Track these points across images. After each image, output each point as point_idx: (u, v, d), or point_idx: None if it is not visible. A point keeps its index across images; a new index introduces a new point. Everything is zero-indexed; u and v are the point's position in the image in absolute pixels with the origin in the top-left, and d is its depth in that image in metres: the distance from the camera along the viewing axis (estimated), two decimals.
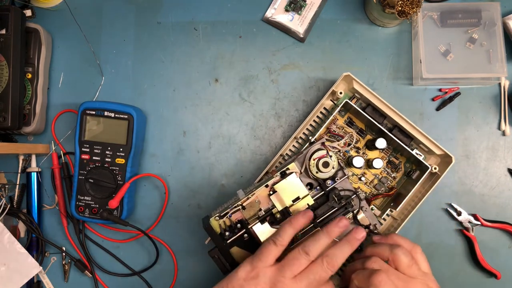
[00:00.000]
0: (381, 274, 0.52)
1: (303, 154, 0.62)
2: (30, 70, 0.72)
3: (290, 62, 0.75)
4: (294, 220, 0.56)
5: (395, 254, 0.56)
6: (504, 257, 0.72)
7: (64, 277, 0.74)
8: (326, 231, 0.56)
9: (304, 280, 0.53)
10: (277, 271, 0.53)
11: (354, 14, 0.75)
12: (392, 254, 0.56)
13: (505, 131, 0.73)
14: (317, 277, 0.53)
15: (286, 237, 0.55)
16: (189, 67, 0.76)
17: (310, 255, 0.54)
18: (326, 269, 0.53)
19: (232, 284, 0.54)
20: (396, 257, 0.55)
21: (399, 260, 0.55)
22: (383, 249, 0.57)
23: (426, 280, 0.55)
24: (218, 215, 0.60)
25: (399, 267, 0.55)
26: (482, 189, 0.73)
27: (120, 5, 0.77)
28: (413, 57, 0.74)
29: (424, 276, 0.56)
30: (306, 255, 0.54)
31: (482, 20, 0.71)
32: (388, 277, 0.52)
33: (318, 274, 0.53)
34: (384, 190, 0.71)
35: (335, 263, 0.54)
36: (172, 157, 0.75)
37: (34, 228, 0.72)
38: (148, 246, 0.74)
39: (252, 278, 0.53)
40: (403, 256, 0.55)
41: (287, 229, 0.56)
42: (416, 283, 0.54)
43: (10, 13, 0.67)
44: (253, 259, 0.55)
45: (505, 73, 0.69)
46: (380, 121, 0.67)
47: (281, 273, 0.53)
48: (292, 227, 0.56)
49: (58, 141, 0.75)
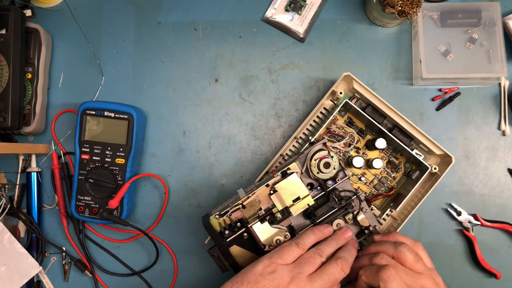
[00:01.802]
0: (389, 269, 0.53)
1: (304, 154, 0.61)
2: (30, 70, 0.72)
3: (290, 62, 0.75)
4: (318, 230, 0.59)
5: (400, 251, 0.56)
6: (504, 257, 0.72)
7: (64, 277, 0.74)
8: (336, 238, 0.59)
9: (318, 280, 0.53)
10: (294, 268, 0.54)
11: (354, 14, 0.75)
12: (397, 251, 0.56)
13: (505, 131, 0.73)
14: (331, 277, 0.54)
15: (308, 242, 0.57)
16: (189, 67, 0.76)
17: (323, 257, 0.56)
18: (340, 271, 0.55)
19: (248, 278, 0.54)
20: (401, 254, 0.56)
21: (404, 257, 0.56)
22: (387, 247, 0.58)
23: (432, 275, 0.56)
24: (218, 214, 0.60)
25: (405, 263, 0.56)
26: (482, 189, 0.73)
27: (120, 5, 0.77)
28: (413, 57, 0.74)
29: (430, 272, 0.56)
30: (320, 257, 0.56)
31: (482, 20, 0.71)
32: (397, 273, 0.53)
33: (333, 275, 0.54)
34: (384, 190, 0.71)
35: (348, 265, 0.56)
36: (172, 157, 0.75)
37: (34, 228, 0.72)
38: (148, 246, 0.74)
39: (269, 272, 0.54)
40: (408, 253, 0.56)
41: (310, 235, 0.58)
42: (424, 278, 0.55)
43: (10, 13, 0.67)
44: (272, 256, 0.55)
45: (505, 73, 0.69)
46: (380, 121, 0.67)
47: (299, 269, 0.54)
48: (315, 235, 0.58)
49: (58, 141, 0.75)
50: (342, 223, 0.62)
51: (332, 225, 0.62)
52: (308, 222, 0.61)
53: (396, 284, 0.52)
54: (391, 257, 0.57)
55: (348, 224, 0.62)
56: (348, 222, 0.62)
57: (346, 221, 0.62)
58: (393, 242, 0.58)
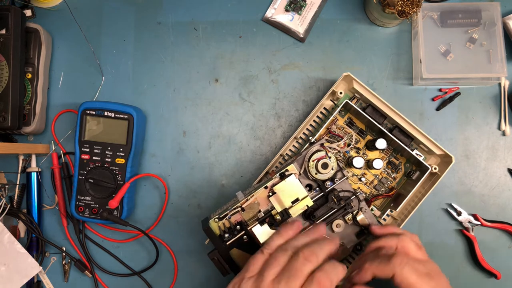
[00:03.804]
0: (401, 255, 0.53)
1: (302, 155, 0.61)
2: (30, 70, 0.72)
3: (290, 62, 0.75)
4: (283, 231, 0.55)
5: (403, 240, 0.56)
6: (504, 257, 0.72)
7: (64, 277, 0.75)
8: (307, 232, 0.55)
9: (282, 281, 0.48)
10: (258, 277, 0.50)
11: (354, 14, 0.75)
12: (400, 241, 0.56)
13: (505, 131, 0.73)
14: (296, 273, 0.48)
15: (274, 245, 0.53)
16: (189, 67, 0.76)
17: (288, 251, 0.51)
18: (304, 261, 0.49)
19: None
20: (405, 242, 0.56)
21: (408, 246, 0.56)
22: (389, 239, 0.57)
23: (433, 263, 0.56)
24: (217, 217, 0.59)
25: (409, 252, 0.56)
26: (482, 189, 0.73)
27: (120, 5, 0.76)
28: (413, 57, 0.74)
29: (431, 260, 0.56)
30: (284, 253, 0.51)
31: (482, 20, 0.71)
32: (408, 259, 0.53)
33: (296, 269, 0.49)
34: (384, 191, 0.71)
35: (314, 253, 0.50)
36: (172, 157, 0.75)
37: (34, 228, 0.72)
38: (148, 246, 0.75)
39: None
40: (411, 242, 0.56)
41: (275, 237, 0.54)
42: (431, 263, 0.55)
43: (10, 13, 0.67)
44: (241, 272, 0.52)
45: (505, 73, 0.69)
46: (380, 121, 0.67)
47: (261, 277, 0.49)
48: (281, 235, 0.55)
49: (58, 141, 0.75)
50: (342, 223, 0.62)
51: (332, 226, 0.62)
52: (308, 223, 0.61)
53: (410, 268, 0.52)
54: (394, 248, 0.56)
55: (348, 224, 0.62)
56: (348, 222, 0.62)
57: (345, 221, 0.62)
58: (394, 234, 0.58)
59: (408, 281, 0.52)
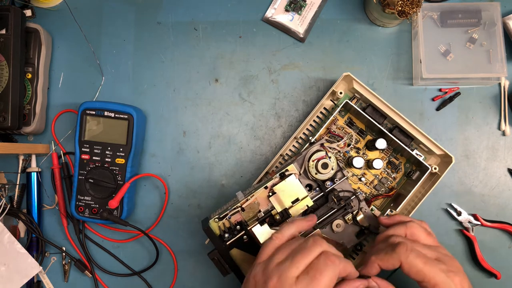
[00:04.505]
0: (405, 243, 0.52)
1: (302, 155, 0.61)
2: (30, 70, 0.72)
3: (290, 62, 0.75)
4: (298, 221, 0.56)
5: (412, 227, 0.56)
6: (504, 257, 0.72)
7: (64, 277, 0.74)
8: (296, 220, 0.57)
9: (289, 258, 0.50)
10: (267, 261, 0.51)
11: (354, 14, 0.75)
12: (409, 228, 0.55)
13: (505, 131, 0.73)
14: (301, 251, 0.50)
15: (286, 234, 0.54)
16: (189, 67, 0.76)
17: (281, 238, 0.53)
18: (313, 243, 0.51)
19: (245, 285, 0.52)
20: (414, 229, 0.55)
21: (418, 232, 0.55)
22: (398, 227, 0.56)
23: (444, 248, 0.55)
24: (217, 217, 0.59)
25: (419, 239, 0.55)
26: (482, 189, 0.73)
27: (120, 5, 0.76)
28: (413, 57, 0.74)
29: (441, 246, 0.56)
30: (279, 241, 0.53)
31: (482, 20, 0.71)
32: (413, 246, 0.52)
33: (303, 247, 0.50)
34: (384, 191, 0.71)
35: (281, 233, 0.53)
36: (172, 157, 0.75)
37: (34, 228, 0.72)
38: (148, 246, 0.75)
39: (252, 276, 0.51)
40: (419, 228, 0.56)
41: (290, 226, 0.55)
42: (442, 249, 0.55)
43: (10, 13, 0.67)
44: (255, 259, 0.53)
45: (505, 73, 0.69)
46: (380, 121, 0.67)
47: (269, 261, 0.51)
48: (295, 226, 0.55)
49: (58, 141, 0.75)
50: (342, 223, 0.62)
51: (332, 226, 0.62)
52: None
53: (415, 255, 0.51)
54: (403, 235, 0.56)
55: (348, 224, 0.62)
56: (348, 222, 0.62)
57: (345, 221, 0.62)
58: (402, 222, 0.57)
59: (416, 268, 0.51)
